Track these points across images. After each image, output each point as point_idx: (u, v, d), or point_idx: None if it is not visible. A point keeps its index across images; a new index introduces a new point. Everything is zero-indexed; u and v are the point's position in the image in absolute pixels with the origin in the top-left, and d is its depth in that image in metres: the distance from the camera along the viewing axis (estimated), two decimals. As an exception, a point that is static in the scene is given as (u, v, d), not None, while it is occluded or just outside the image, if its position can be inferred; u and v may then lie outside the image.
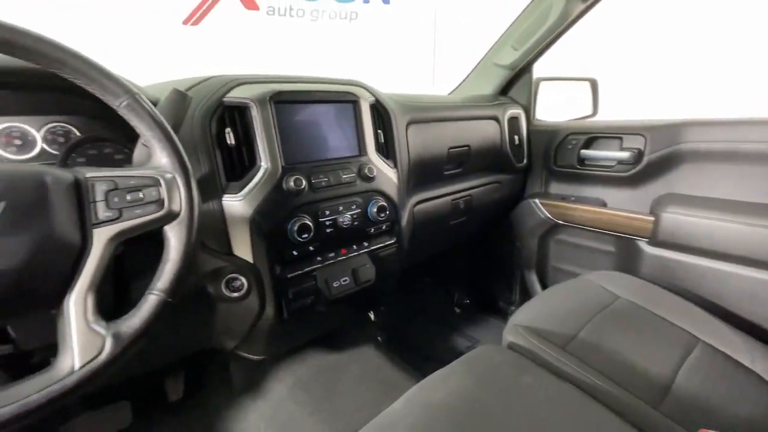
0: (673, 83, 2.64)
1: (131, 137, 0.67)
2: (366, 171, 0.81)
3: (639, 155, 1.10)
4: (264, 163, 0.69)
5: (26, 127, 0.60)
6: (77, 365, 0.38)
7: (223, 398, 1.00)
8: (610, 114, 1.36)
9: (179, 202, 0.46)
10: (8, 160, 0.58)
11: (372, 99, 0.86)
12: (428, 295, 1.63)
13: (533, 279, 1.42)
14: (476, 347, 1.38)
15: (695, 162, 1.02)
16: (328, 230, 0.76)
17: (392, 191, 0.88)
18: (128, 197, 0.43)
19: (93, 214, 0.41)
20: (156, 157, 0.47)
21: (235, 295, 0.68)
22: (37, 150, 0.60)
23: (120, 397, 0.92)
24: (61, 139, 0.63)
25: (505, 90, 1.36)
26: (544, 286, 1.41)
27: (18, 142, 0.59)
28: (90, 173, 0.42)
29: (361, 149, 0.84)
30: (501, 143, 1.25)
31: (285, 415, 0.90)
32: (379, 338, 1.25)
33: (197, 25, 3.02)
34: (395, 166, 0.91)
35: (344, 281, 0.81)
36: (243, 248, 0.69)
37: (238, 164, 0.69)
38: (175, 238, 0.45)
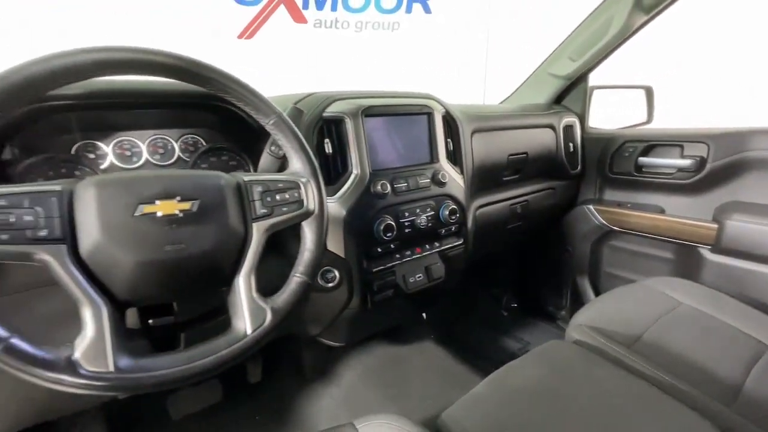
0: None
1: (243, 147, 0.79)
2: (439, 177, 0.89)
3: (701, 163, 1.11)
4: (355, 170, 0.78)
5: (168, 138, 0.71)
6: (249, 331, 0.47)
7: (297, 382, 1.09)
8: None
9: (313, 202, 0.55)
10: (156, 165, 0.70)
11: (443, 110, 0.94)
12: (476, 297, 1.68)
13: (585, 284, 1.44)
14: (528, 348, 1.42)
15: (761, 170, 1.02)
16: (406, 230, 0.84)
17: (460, 195, 0.94)
18: (277, 197, 0.52)
19: (252, 211, 0.51)
20: (293, 164, 0.56)
21: (329, 285, 0.76)
22: (175, 157, 0.72)
23: (212, 376, 1.04)
24: (191, 148, 0.74)
25: (559, 99, 1.40)
26: (597, 292, 1.43)
27: (161, 150, 0.71)
28: (247, 177, 0.52)
29: (434, 156, 0.91)
30: (556, 150, 1.29)
31: (357, 398, 0.98)
32: (431, 336, 1.31)
33: (251, 38, 3.23)
34: (462, 172, 0.97)
35: (419, 277, 0.88)
36: (336, 244, 0.78)
37: (333, 170, 0.78)
38: (310, 231, 0.54)
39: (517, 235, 1.34)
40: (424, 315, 1.45)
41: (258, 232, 0.50)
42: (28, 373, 0.37)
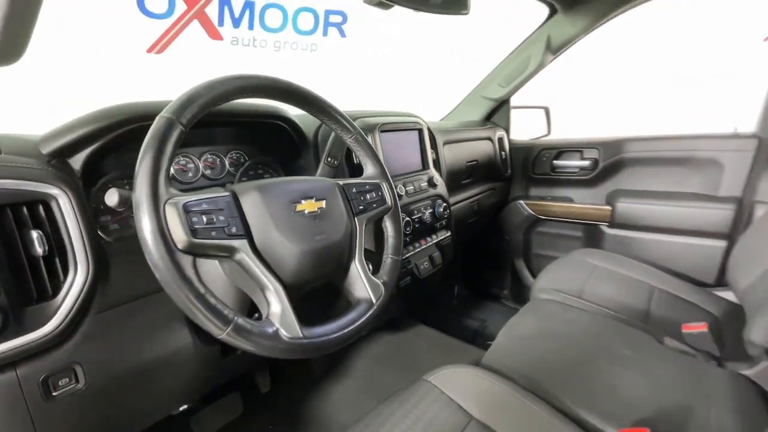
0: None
1: (276, 161, 0.87)
2: (433, 180, 1.08)
3: (595, 163, 1.52)
4: None
5: (218, 153, 0.76)
6: (374, 301, 0.58)
7: (308, 383, 1.15)
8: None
9: (390, 199, 0.68)
10: (208, 179, 0.74)
11: (426, 126, 1.14)
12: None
13: (521, 265, 1.78)
14: (487, 325, 1.67)
15: (633, 166, 1.45)
16: (416, 225, 1.00)
17: (446, 195, 1.15)
18: (367, 196, 0.64)
19: (354, 207, 0.62)
20: (368, 169, 0.69)
21: None
22: (225, 171, 0.77)
23: (228, 391, 1.04)
24: (236, 163, 0.80)
25: (489, 116, 1.73)
26: (531, 271, 1.77)
27: (212, 166, 0.76)
28: (342, 181, 0.63)
29: (425, 164, 1.10)
30: (494, 158, 1.60)
31: (376, 383, 1.09)
32: (421, 320, 1.46)
33: (161, 53, 3.03)
34: (442, 176, 1.18)
35: (426, 264, 1.05)
36: (368, 241, 0.90)
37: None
38: (390, 222, 0.68)
39: (472, 229, 1.60)
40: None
41: (360, 224, 0.62)
42: (252, 342, 0.43)
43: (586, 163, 1.54)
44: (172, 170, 0.70)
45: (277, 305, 0.47)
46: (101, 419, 0.57)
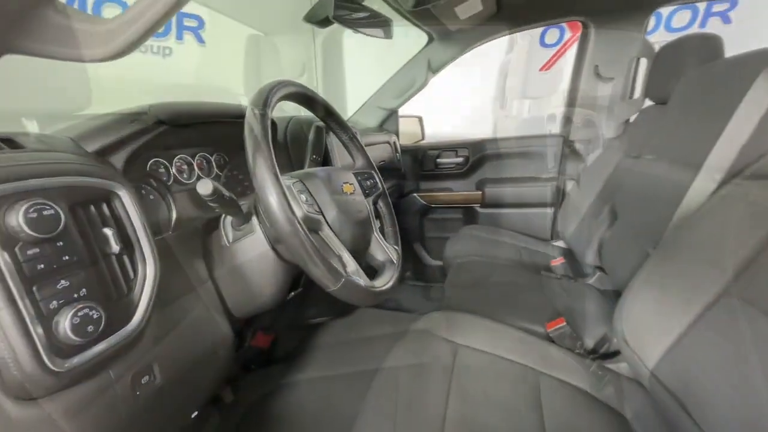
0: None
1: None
2: (370, 176, 1.26)
3: (467, 159, 1.96)
4: None
5: (207, 154, 0.78)
6: (395, 261, 0.73)
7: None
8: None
9: (380, 184, 0.84)
10: (201, 177, 0.75)
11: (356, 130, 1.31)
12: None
13: (420, 248, 2.11)
14: (401, 302, 1.93)
15: (493, 159, 1.94)
16: (366, 214, 1.17)
17: (378, 189, 1.35)
18: (368, 182, 0.79)
19: (363, 190, 0.76)
20: (358, 161, 0.83)
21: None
22: (214, 173, 0.79)
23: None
24: (219, 163, 0.82)
25: (382, 123, 2.00)
26: (426, 250, 2.12)
27: (200, 166, 0.77)
28: (352, 171, 0.76)
29: (360, 163, 1.28)
30: (393, 158, 1.88)
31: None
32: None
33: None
34: (370, 174, 1.38)
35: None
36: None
37: None
38: (384, 203, 0.83)
39: (384, 220, 1.84)
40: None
41: (370, 204, 0.76)
42: (354, 292, 0.54)
43: (460, 159, 1.96)
44: (173, 171, 0.69)
45: (352, 265, 0.59)
46: (164, 417, 0.56)
